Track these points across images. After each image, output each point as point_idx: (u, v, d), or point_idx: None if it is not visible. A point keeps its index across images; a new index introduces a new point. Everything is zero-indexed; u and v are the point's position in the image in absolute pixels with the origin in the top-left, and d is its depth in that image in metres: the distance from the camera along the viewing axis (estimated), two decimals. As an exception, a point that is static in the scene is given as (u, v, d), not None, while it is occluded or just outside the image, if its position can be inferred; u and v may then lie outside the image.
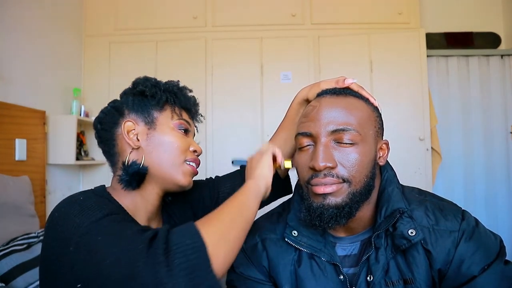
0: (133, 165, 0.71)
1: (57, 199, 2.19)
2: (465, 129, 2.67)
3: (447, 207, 0.72)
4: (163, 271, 0.48)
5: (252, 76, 2.56)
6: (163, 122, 0.76)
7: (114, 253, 0.52)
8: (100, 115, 0.79)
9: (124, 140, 0.74)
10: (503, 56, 2.68)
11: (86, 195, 0.66)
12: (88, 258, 0.53)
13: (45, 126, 2.12)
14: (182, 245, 0.51)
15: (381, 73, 2.50)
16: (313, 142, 0.69)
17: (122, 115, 0.76)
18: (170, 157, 0.74)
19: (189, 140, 0.79)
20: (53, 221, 0.61)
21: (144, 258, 0.50)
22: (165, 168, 0.74)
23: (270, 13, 2.63)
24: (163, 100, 0.76)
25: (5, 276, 1.33)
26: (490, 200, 2.62)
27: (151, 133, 0.74)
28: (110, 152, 0.76)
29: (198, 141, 2.50)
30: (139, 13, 2.66)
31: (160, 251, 0.50)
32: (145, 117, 0.75)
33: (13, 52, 1.94)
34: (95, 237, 0.55)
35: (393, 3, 2.58)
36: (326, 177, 0.66)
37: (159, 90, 0.77)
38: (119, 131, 0.75)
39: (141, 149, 0.74)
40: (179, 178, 0.75)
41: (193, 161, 0.78)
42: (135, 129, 0.75)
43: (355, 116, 0.68)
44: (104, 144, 0.77)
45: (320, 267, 0.72)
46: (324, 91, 0.74)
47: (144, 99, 0.77)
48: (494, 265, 0.65)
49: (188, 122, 0.80)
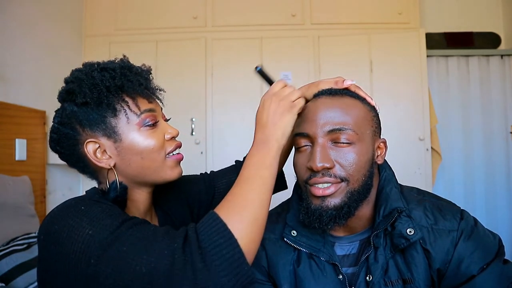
0: (113, 189, 0.65)
1: (57, 199, 2.19)
2: (465, 129, 2.67)
3: (446, 206, 0.72)
4: (204, 275, 0.49)
5: (252, 76, 2.54)
6: (124, 128, 0.66)
7: (146, 260, 0.50)
8: (53, 136, 0.68)
9: (95, 162, 0.66)
10: (503, 56, 2.67)
11: (85, 203, 0.60)
12: (116, 270, 0.50)
13: (45, 126, 2.12)
14: (215, 245, 0.50)
15: (381, 73, 2.50)
16: (310, 142, 0.70)
17: (77, 133, 0.66)
18: (150, 162, 0.67)
19: (161, 129, 0.70)
20: (54, 234, 0.56)
21: (182, 263, 0.49)
22: (149, 174, 0.68)
23: (270, 13, 2.63)
24: (112, 102, 0.65)
25: (5, 276, 1.34)
26: (490, 200, 2.62)
27: (119, 146, 0.66)
28: (85, 171, 0.70)
29: (198, 141, 2.50)
30: (139, 13, 2.66)
31: (196, 256, 0.50)
32: (103, 129, 0.65)
33: (13, 52, 1.94)
34: (121, 247, 0.52)
35: (393, 3, 2.58)
36: (324, 177, 0.66)
37: (102, 93, 0.64)
38: (84, 152, 0.66)
39: (117, 165, 0.67)
40: (168, 175, 0.70)
41: (175, 149, 0.71)
42: (99, 146, 0.66)
43: (351, 115, 0.68)
44: (75, 166, 0.70)
45: (319, 267, 0.73)
46: (321, 91, 0.75)
47: (91, 108, 0.65)
48: (493, 264, 0.65)
49: (151, 109, 0.69)
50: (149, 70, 0.74)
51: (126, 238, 0.53)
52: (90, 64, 0.70)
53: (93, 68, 0.68)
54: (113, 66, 0.68)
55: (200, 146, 2.51)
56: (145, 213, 0.75)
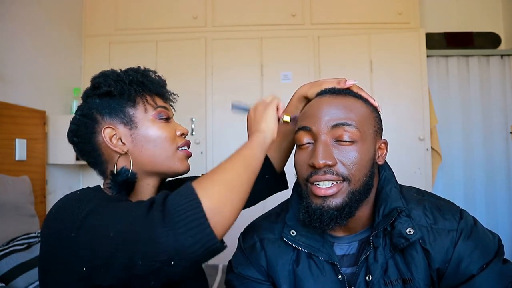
0: (122, 173, 0.69)
1: (57, 199, 2.17)
2: (465, 129, 2.67)
3: (445, 206, 0.72)
4: (161, 232, 0.49)
5: (252, 76, 2.56)
6: (141, 117, 0.72)
7: (115, 225, 0.53)
8: (72, 127, 0.74)
9: (109, 147, 0.70)
10: (503, 56, 2.67)
11: (83, 190, 0.66)
12: (91, 237, 0.54)
13: (45, 126, 2.12)
14: (177, 205, 0.51)
15: (381, 73, 2.50)
16: (312, 139, 0.69)
17: (96, 122, 0.72)
18: (162, 151, 0.72)
19: (173, 125, 0.76)
20: (50, 216, 0.62)
21: (143, 222, 0.51)
22: (160, 162, 0.72)
23: (270, 13, 2.63)
24: (133, 94, 0.72)
25: (5, 276, 1.33)
26: (490, 200, 2.62)
27: (134, 133, 0.71)
28: (97, 162, 0.74)
29: (198, 141, 2.50)
30: (139, 13, 2.66)
31: (157, 213, 0.51)
32: (121, 118, 0.71)
33: (13, 52, 1.94)
34: (96, 216, 0.55)
35: (393, 3, 2.58)
36: (326, 174, 0.66)
37: (125, 85, 0.72)
38: (100, 140, 0.71)
39: (129, 152, 0.71)
40: (177, 166, 0.74)
41: (184, 145, 0.76)
42: (116, 133, 0.71)
43: (355, 114, 0.69)
44: (88, 156, 0.74)
45: (318, 267, 0.73)
46: (324, 90, 0.75)
47: (113, 99, 0.72)
48: (492, 264, 0.65)
49: (165, 107, 0.76)
50: (165, 80, 0.82)
51: (103, 209, 0.57)
52: None
53: (118, 70, 0.77)
54: (136, 69, 0.78)
55: (200, 146, 2.51)
56: None
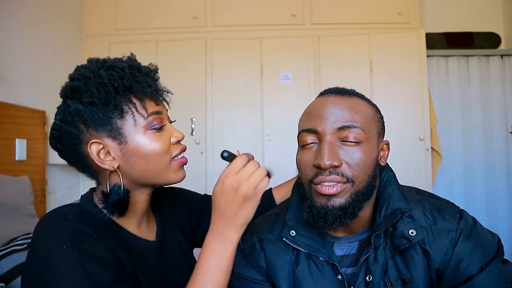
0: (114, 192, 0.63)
1: (57, 199, 2.19)
2: (465, 129, 2.66)
3: (445, 206, 0.72)
4: None
5: (252, 76, 2.56)
6: (131, 130, 0.64)
7: None
8: (54, 133, 0.66)
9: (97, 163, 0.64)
10: (503, 56, 2.67)
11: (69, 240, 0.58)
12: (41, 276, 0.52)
13: (45, 126, 2.12)
14: None
15: (381, 73, 2.50)
16: (317, 140, 0.69)
17: (81, 132, 0.63)
18: (155, 166, 0.66)
19: (167, 133, 0.68)
20: (33, 263, 0.58)
21: None
22: (153, 177, 0.67)
23: (270, 13, 2.63)
24: (120, 103, 0.63)
25: (5, 276, 1.33)
26: (490, 200, 2.62)
27: (124, 148, 0.64)
28: (85, 171, 0.68)
29: (198, 141, 2.50)
30: (139, 13, 2.66)
31: None
32: (108, 130, 0.63)
33: (13, 52, 1.94)
34: (58, 264, 0.54)
35: (393, 3, 2.58)
36: (331, 175, 0.65)
37: (110, 92, 0.62)
38: (86, 151, 0.63)
39: (120, 168, 0.65)
40: (172, 178, 0.69)
41: (180, 153, 0.70)
42: (104, 147, 0.63)
43: (360, 114, 0.68)
44: (75, 165, 0.68)
45: (318, 267, 0.72)
46: (328, 90, 0.74)
47: (97, 107, 0.62)
48: (492, 264, 0.65)
49: (158, 111, 0.67)
50: (156, 69, 0.71)
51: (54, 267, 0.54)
52: (96, 60, 0.67)
53: (99, 66, 0.65)
54: (122, 65, 0.65)
55: (200, 146, 2.51)
56: (142, 215, 0.74)
